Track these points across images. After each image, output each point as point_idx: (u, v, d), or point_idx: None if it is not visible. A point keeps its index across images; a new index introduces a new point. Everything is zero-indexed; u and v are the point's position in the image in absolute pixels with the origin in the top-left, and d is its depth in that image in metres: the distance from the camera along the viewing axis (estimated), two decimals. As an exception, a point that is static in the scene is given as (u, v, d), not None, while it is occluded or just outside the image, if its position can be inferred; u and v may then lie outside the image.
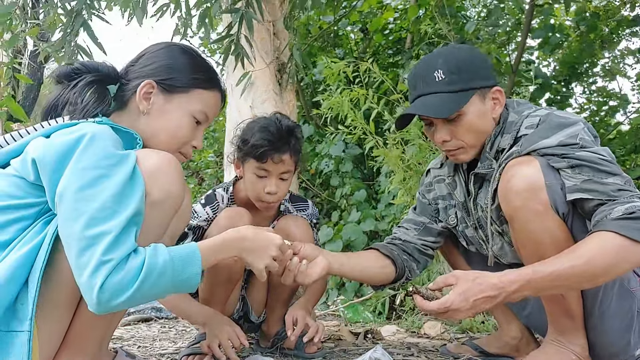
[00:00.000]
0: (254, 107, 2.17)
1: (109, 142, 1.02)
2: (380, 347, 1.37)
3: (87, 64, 1.19)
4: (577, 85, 4.52)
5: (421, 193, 1.70)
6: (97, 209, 0.95)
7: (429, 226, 1.64)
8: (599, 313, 1.30)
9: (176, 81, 1.20)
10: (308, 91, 4.59)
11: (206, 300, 1.65)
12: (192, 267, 1.02)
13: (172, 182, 1.08)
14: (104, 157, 1.00)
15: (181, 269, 1.01)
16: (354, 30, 4.82)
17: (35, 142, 1.05)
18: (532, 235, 1.26)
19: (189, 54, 1.26)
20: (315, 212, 1.85)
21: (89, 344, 1.12)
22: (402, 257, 1.59)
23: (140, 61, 1.23)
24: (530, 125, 1.33)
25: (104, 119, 1.13)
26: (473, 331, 2.21)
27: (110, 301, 0.94)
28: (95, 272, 0.92)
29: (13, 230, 1.00)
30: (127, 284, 0.94)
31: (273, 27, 2.31)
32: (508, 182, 1.27)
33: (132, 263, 0.95)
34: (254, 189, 1.63)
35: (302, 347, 1.71)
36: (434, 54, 1.45)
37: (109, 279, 0.93)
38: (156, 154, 1.10)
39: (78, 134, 1.01)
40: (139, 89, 1.18)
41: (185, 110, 1.21)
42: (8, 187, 1.03)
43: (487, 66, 1.44)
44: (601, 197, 1.17)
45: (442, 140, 1.42)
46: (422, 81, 1.40)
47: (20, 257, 0.97)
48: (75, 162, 0.98)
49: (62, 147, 1.00)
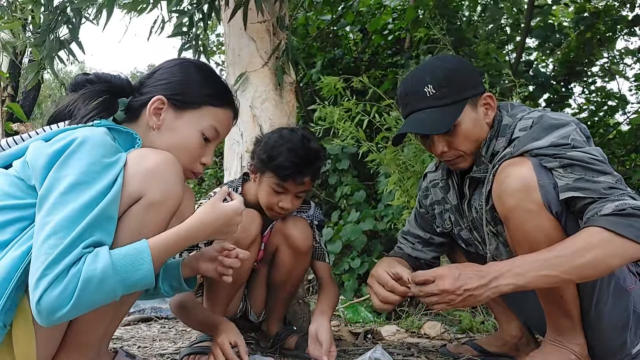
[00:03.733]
0: (253, 107, 2.17)
1: (97, 149, 1.01)
2: (380, 347, 1.38)
3: (101, 75, 1.19)
4: (575, 85, 4.53)
5: (419, 201, 1.73)
6: (61, 219, 0.95)
7: (431, 241, 1.69)
8: (596, 312, 1.30)
9: (187, 97, 1.20)
10: (307, 91, 4.59)
11: (211, 301, 1.66)
12: (141, 266, 0.98)
13: (170, 183, 1.07)
14: (88, 164, 0.99)
15: (128, 270, 0.97)
16: (353, 31, 4.82)
17: (33, 145, 1.06)
18: (526, 235, 1.27)
19: (202, 71, 1.26)
20: (317, 214, 1.85)
21: (88, 345, 1.12)
22: (415, 264, 1.66)
23: (155, 76, 1.24)
24: (524, 128, 1.35)
25: (102, 121, 1.12)
26: (473, 331, 2.22)
27: (50, 315, 0.92)
28: (35, 286, 0.92)
29: (12, 230, 1.01)
30: (64, 299, 0.92)
31: (272, 27, 2.31)
32: (502, 183, 1.29)
33: (69, 276, 0.92)
34: (268, 200, 1.64)
35: (302, 347, 1.71)
36: (420, 69, 1.45)
37: (46, 294, 0.91)
38: (155, 153, 1.09)
39: (68, 139, 1.01)
40: (150, 104, 1.18)
41: (195, 127, 1.21)
42: (8, 187, 1.04)
43: (475, 74, 1.46)
44: (592, 196, 1.18)
45: (440, 152, 1.43)
46: (413, 98, 1.41)
47: (16, 257, 0.97)
48: (58, 167, 0.98)
49: (51, 151, 1.00)
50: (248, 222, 1.61)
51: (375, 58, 4.66)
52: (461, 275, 1.17)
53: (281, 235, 1.71)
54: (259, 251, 1.75)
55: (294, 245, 1.69)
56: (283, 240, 1.71)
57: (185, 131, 1.20)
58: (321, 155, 1.66)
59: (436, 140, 1.43)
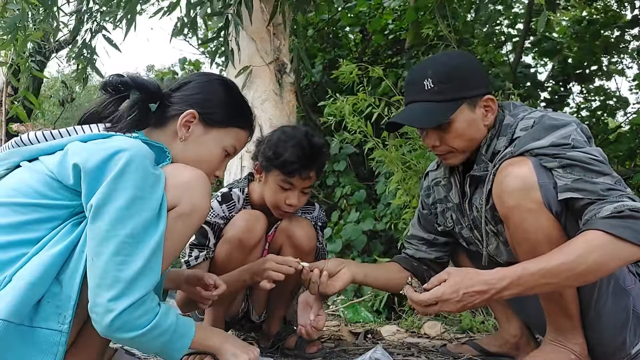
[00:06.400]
0: (253, 107, 2.16)
1: (147, 161, 1.05)
2: (380, 347, 1.38)
3: (135, 78, 1.21)
4: (574, 85, 4.54)
5: (421, 202, 1.73)
6: (127, 235, 0.99)
7: (435, 242, 1.69)
8: (595, 312, 1.30)
9: (217, 117, 1.27)
10: (307, 92, 4.59)
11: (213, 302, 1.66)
12: (184, 341, 1.10)
13: (200, 197, 1.13)
14: (144, 177, 1.03)
15: (176, 338, 1.08)
16: (354, 31, 4.82)
17: (74, 146, 1.07)
18: (526, 234, 1.27)
19: (232, 92, 1.33)
20: (321, 215, 1.86)
21: (95, 345, 1.13)
22: (421, 268, 1.67)
23: (186, 88, 1.28)
24: (525, 127, 1.35)
25: (140, 134, 1.17)
26: (473, 331, 2.22)
27: (119, 331, 0.99)
28: (117, 300, 0.97)
29: (44, 228, 1.03)
30: (139, 324, 1.00)
31: (273, 27, 2.31)
32: (502, 183, 1.29)
33: (149, 308, 1.01)
34: (275, 198, 1.65)
35: (302, 347, 1.71)
36: (426, 62, 1.48)
37: (126, 312, 0.97)
38: (189, 169, 1.15)
39: (116, 146, 1.03)
40: (182, 117, 1.22)
41: (219, 144, 1.28)
42: (39, 184, 1.05)
43: (479, 74, 1.45)
44: (591, 197, 1.18)
45: (432, 145, 1.45)
46: (412, 89, 1.44)
47: (51, 256, 0.99)
48: (116, 177, 1.01)
49: (103, 156, 1.02)
50: (253, 223, 1.62)
51: (376, 58, 4.66)
52: (464, 296, 1.18)
53: (285, 235, 1.72)
54: (263, 251, 1.75)
55: (298, 245, 1.70)
56: (287, 240, 1.72)
57: (210, 146, 1.27)
58: (325, 150, 1.68)
59: (429, 133, 1.44)
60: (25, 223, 1.02)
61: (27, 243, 1.01)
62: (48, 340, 0.98)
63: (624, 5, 4.15)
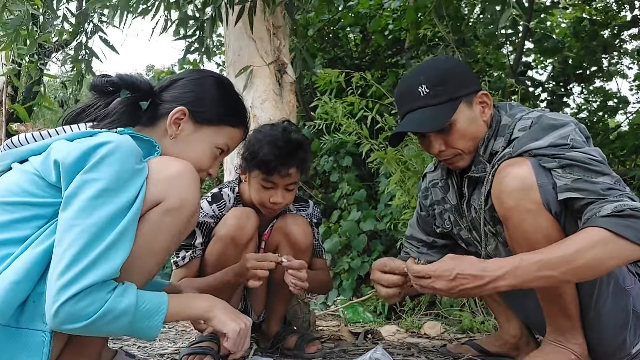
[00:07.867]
0: (254, 107, 2.17)
1: (128, 156, 1.03)
2: (380, 347, 1.38)
3: (124, 77, 1.20)
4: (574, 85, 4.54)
5: (419, 204, 1.73)
6: (88, 226, 0.96)
7: (434, 244, 1.69)
8: (595, 312, 1.30)
9: (208, 115, 1.24)
10: (307, 92, 4.59)
11: None
12: (155, 319, 1.02)
13: (189, 191, 1.10)
14: (119, 170, 1.00)
15: (143, 318, 1.01)
16: (354, 31, 4.82)
17: (58, 144, 1.06)
18: (525, 235, 1.27)
19: (224, 89, 1.29)
20: (316, 212, 1.86)
21: (92, 345, 1.12)
22: None
23: (177, 85, 1.26)
24: (523, 128, 1.35)
25: (126, 129, 1.15)
26: (473, 331, 2.22)
27: (64, 323, 0.94)
28: (62, 290, 0.93)
29: (30, 227, 1.01)
30: (83, 316, 0.94)
31: (273, 27, 2.31)
32: (501, 183, 1.29)
33: (97, 297, 0.95)
34: (259, 197, 1.65)
35: (302, 347, 1.71)
36: (414, 71, 1.48)
37: (70, 302, 0.93)
38: (177, 162, 1.12)
39: (98, 140, 1.02)
40: (171, 114, 1.20)
41: (210, 142, 1.25)
42: (26, 184, 1.04)
43: (469, 73, 1.47)
44: (591, 196, 1.18)
45: (438, 151, 1.44)
46: (408, 98, 1.43)
47: (35, 255, 0.98)
48: (90, 169, 0.99)
49: (81, 151, 1.01)
50: (244, 220, 1.62)
51: (376, 58, 4.66)
52: (457, 277, 1.17)
53: (282, 233, 1.72)
54: (260, 250, 1.75)
55: (295, 243, 1.70)
56: (283, 238, 1.72)
57: (200, 144, 1.24)
58: (305, 146, 1.65)
59: (433, 139, 1.43)
60: (13, 222, 1.01)
61: (15, 242, 1.00)
62: (34, 340, 0.97)
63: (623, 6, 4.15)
